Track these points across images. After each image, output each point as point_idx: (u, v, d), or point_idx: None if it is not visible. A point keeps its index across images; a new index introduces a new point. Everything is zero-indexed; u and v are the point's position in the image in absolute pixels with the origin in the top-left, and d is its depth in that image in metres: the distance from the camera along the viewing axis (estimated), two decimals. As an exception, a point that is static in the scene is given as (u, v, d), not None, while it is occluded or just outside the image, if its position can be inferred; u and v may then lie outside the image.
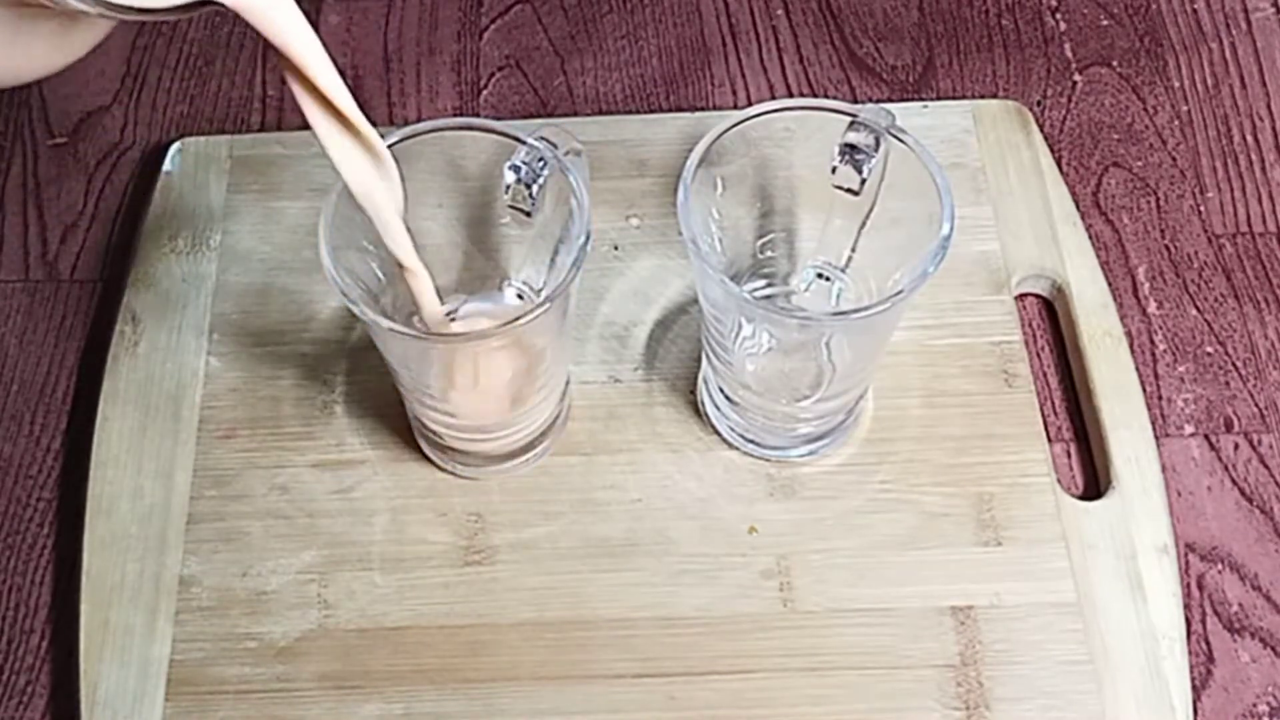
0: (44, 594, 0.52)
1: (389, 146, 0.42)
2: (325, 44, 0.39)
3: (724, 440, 0.53)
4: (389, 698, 0.48)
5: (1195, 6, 0.67)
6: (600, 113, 0.64)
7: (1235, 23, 0.66)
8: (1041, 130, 0.60)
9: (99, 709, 0.48)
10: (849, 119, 0.45)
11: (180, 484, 0.52)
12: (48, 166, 0.63)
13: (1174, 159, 0.61)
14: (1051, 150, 0.60)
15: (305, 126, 0.39)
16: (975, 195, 0.58)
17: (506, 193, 0.46)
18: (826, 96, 0.63)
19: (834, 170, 0.46)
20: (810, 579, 0.49)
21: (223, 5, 0.36)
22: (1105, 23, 0.66)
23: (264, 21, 0.37)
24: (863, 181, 0.46)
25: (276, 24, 0.37)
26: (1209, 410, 0.55)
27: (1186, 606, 0.50)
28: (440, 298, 0.46)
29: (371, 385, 0.54)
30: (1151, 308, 0.57)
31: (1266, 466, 0.53)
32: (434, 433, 0.51)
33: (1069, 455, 0.54)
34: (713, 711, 0.47)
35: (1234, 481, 0.53)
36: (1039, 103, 0.63)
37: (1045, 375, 0.56)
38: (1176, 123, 0.63)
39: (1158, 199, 0.60)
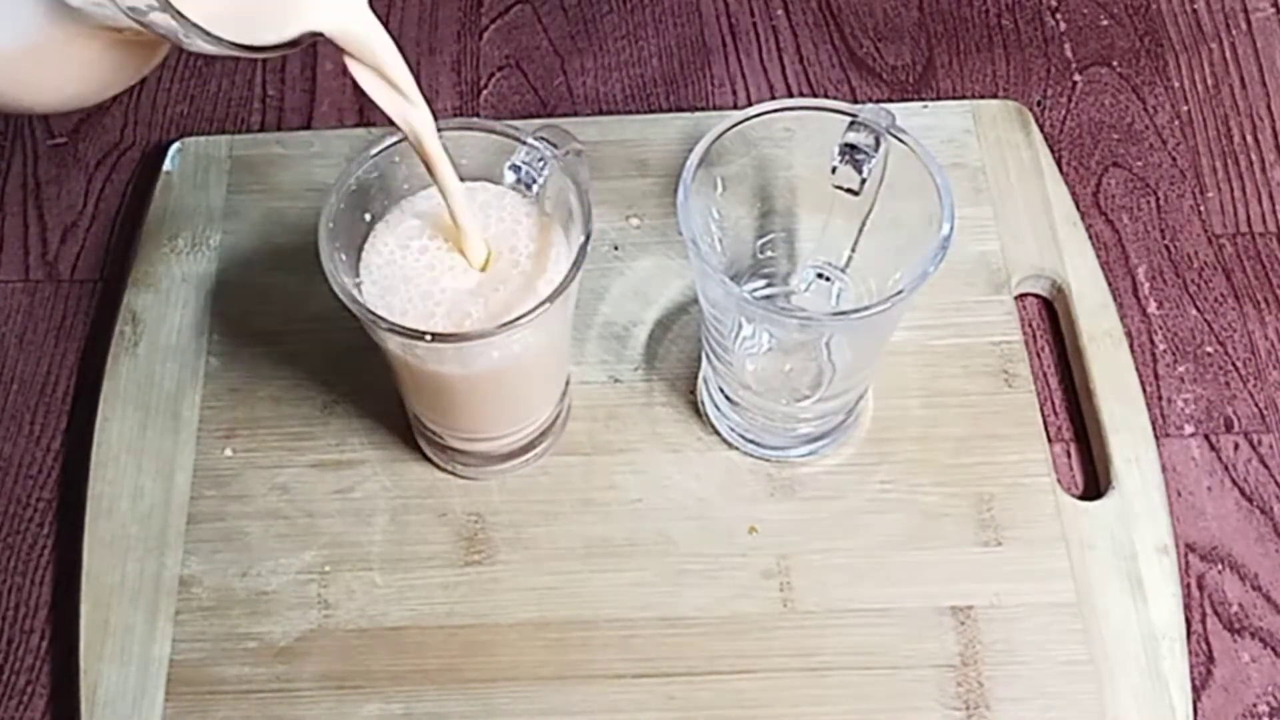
0: (44, 594, 0.52)
1: (390, 147, 0.45)
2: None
3: (724, 440, 0.53)
4: (389, 698, 0.48)
5: (1195, 6, 0.67)
6: (600, 113, 0.64)
7: (1235, 23, 0.66)
8: (1041, 130, 0.60)
9: (99, 709, 0.48)
10: (849, 119, 0.45)
11: (180, 484, 0.52)
12: (48, 166, 0.63)
13: (1174, 159, 0.61)
14: (1051, 150, 0.60)
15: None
16: (975, 195, 0.58)
17: (507, 193, 0.46)
18: (826, 96, 0.63)
19: (834, 170, 0.46)
20: (810, 579, 0.49)
21: (323, 35, 0.37)
22: (1105, 23, 0.66)
23: (363, 50, 0.38)
24: (863, 181, 0.46)
25: (375, 53, 0.39)
26: (1209, 410, 0.55)
27: (1186, 606, 0.50)
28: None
29: (371, 385, 0.54)
30: (1151, 308, 0.57)
31: (1266, 466, 0.53)
32: (434, 433, 0.51)
33: (1069, 455, 0.54)
34: (713, 711, 0.47)
35: (1234, 481, 0.53)
36: (1039, 103, 0.63)
37: (1045, 375, 0.56)
38: (1176, 123, 0.63)
39: (1158, 199, 0.60)
